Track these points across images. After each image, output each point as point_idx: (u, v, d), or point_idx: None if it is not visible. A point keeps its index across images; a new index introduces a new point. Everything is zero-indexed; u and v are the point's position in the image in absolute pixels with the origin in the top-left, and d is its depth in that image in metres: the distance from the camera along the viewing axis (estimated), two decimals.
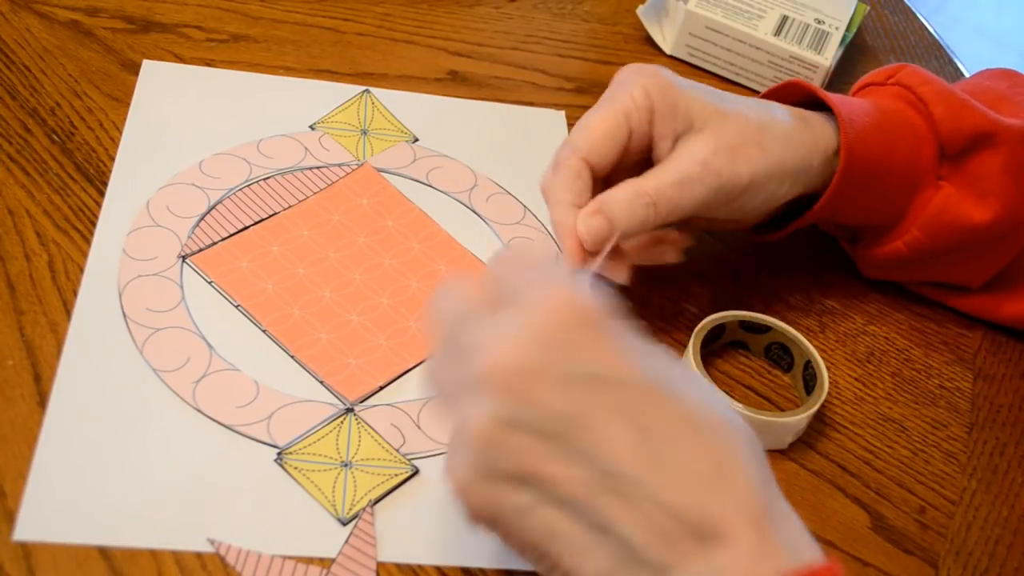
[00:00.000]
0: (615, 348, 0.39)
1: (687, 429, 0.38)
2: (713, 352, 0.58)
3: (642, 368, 0.39)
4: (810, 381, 0.56)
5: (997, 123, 0.58)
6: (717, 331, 0.57)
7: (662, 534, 0.37)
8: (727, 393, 0.55)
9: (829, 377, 0.59)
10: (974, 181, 0.58)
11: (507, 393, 0.38)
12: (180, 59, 0.67)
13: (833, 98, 0.58)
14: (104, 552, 0.45)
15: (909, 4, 0.88)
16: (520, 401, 0.37)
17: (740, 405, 0.53)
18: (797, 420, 0.53)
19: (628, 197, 0.52)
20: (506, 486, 0.38)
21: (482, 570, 0.48)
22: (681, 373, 0.41)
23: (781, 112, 0.56)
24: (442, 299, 0.42)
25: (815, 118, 0.57)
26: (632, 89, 0.54)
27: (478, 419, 0.38)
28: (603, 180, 0.54)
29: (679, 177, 0.52)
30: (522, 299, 0.39)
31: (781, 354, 0.58)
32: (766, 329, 0.57)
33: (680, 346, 0.58)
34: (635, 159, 0.55)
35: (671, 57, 0.77)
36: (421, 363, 0.55)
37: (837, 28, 0.75)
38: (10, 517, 0.45)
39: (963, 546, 0.53)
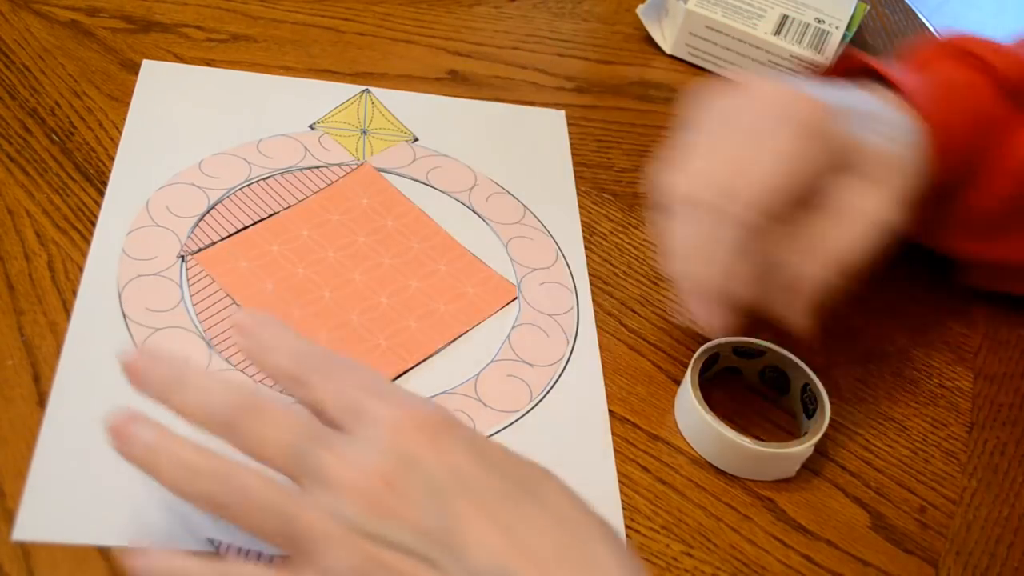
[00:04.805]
0: (468, 456, 0.39)
1: (551, 522, 0.38)
2: (707, 380, 0.56)
3: (499, 471, 0.39)
4: (810, 404, 0.55)
5: None
6: (711, 360, 0.56)
7: None
8: (727, 423, 0.52)
9: (829, 377, 0.59)
10: None
11: (377, 511, 0.38)
12: (180, 59, 0.67)
13: (906, 82, 0.54)
14: (104, 552, 0.45)
15: (909, 4, 0.88)
16: (389, 518, 0.38)
17: (748, 439, 0.52)
18: (804, 449, 0.52)
19: (817, 272, 0.50)
20: None
21: None
22: (539, 472, 0.40)
23: (897, 126, 0.52)
24: (269, 427, 0.40)
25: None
26: (793, 128, 0.49)
27: (353, 540, 0.38)
28: None
29: (859, 241, 0.50)
30: (367, 418, 0.40)
31: (777, 377, 0.57)
32: (760, 353, 0.56)
33: (668, 378, 0.58)
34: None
35: (671, 57, 0.77)
36: (421, 363, 0.55)
37: (837, 27, 0.75)
38: (9, 517, 0.45)
39: (963, 546, 0.53)
